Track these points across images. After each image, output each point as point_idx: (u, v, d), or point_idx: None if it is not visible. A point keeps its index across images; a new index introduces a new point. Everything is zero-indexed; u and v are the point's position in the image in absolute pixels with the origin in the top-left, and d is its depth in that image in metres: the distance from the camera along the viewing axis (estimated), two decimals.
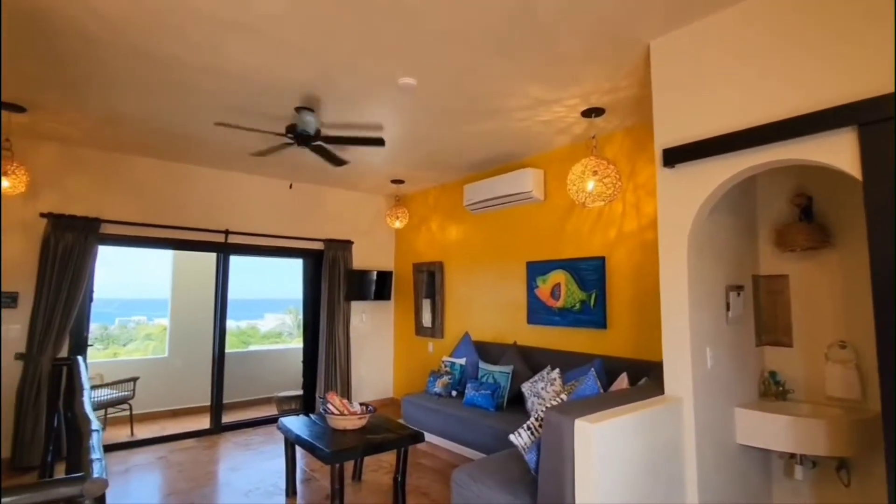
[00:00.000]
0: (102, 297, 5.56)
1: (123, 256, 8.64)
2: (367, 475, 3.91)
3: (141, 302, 10.45)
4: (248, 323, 11.35)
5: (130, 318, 10.76)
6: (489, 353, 4.91)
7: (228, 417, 5.42)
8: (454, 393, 4.75)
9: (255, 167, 5.24)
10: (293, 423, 3.57)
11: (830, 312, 2.75)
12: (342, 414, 3.36)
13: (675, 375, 2.47)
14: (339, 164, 4.07)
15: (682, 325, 2.44)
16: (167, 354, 6.44)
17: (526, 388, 4.12)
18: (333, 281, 5.97)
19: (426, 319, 6.08)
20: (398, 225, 5.75)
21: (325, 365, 5.81)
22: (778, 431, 2.51)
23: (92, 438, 1.50)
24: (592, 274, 4.18)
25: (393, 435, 3.29)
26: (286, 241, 5.77)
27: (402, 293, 6.59)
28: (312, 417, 3.73)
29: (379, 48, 2.76)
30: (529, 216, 4.84)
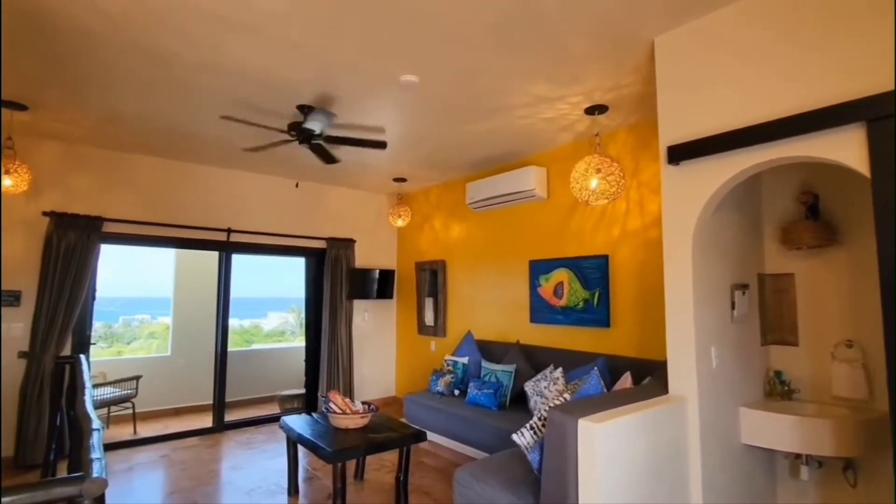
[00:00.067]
0: (106, 295, 5.58)
1: (126, 255, 8.66)
2: (369, 474, 3.91)
3: (144, 300, 10.47)
4: (251, 321, 11.38)
5: (134, 316, 10.80)
6: (492, 351, 4.89)
7: (231, 416, 5.43)
8: (457, 392, 4.74)
9: (257, 165, 5.24)
10: (295, 421, 3.57)
11: (837, 311, 2.73)
12: (344, 413, 3.35)
13: (679, 375, 2.45)
14: (330, 161, 4.04)
15: (686, 323, 2.43)
16: (170, 353, 6.45)
17: (529, 387, 4.11)
18: (336, 280, 5.96)
19: (429, 318, 6.07)
20: (400, 223, 5.74)
21: (327, 364, 5.81)
22: (783, 431, 2.49)
23: (92, 438, 1.49)
24: (596, 272, 4.15)
25: (395, 434, 3.28)
26: (288, 239, 5.76)
27: (404, 292, 6.58)
28: (315, 416, 3.72)
29: (380, 46, 2.74)
30: (532, 214, 4.82)
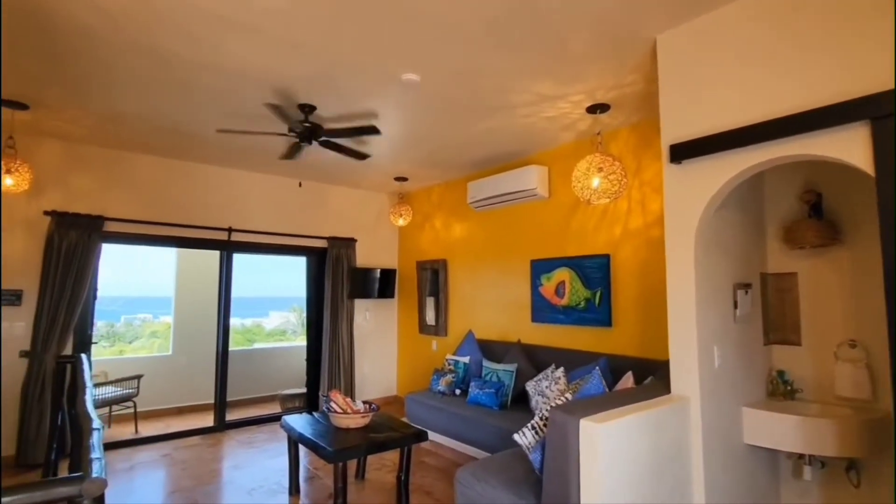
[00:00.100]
0: (107, 294, 5.58)
1: (128, 254, 8.68)
2: (370, 474, 3.90)
3: (146, 300, 10.48)
4: (253, 321, 11.39)
5: (136, 315, 10.80)
6: (493, 351, 4.88)
7: (232, 415, 5.43)
8: (458, 391, 4.73)
9: (257, 165, 5.23)
10: (296, 421, 3.57)
11: (840, 311, 2.71)
12: (345, 412, 3.35)
13: (681, 374, 2.44)
14: (360, 157, 4.08)
15: (688, 323, 2.41)
16: (171, 352, 6.46)
17: (530, 386, 4.10)
18: (337, 279, 5.96)
19: (430, 317, 6.06)
20: (402, 222, 5.74)
21: (328, 363, 5.81)
22: (786, 431, 2.48)
23: (92, 437, 1.49)
24: (597, 272, 4.14)
25: (396, 433, 3.28)
26: (289, 238, 5.76)
27: (405, 291, 6.57)
28: (316, 416, 3.72)
29: (381, 44, 2.74)
30: (534, 214, 4.81)
